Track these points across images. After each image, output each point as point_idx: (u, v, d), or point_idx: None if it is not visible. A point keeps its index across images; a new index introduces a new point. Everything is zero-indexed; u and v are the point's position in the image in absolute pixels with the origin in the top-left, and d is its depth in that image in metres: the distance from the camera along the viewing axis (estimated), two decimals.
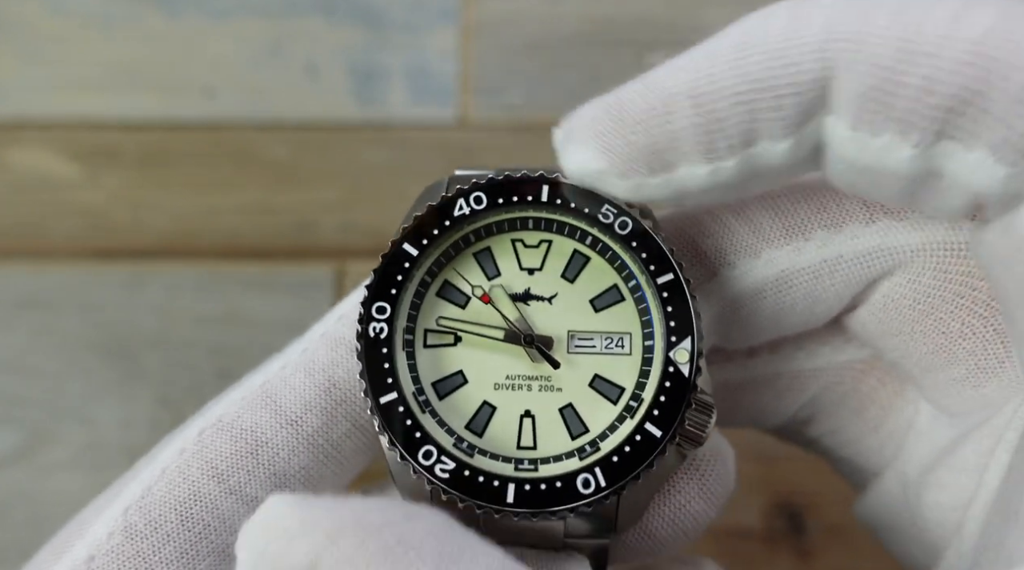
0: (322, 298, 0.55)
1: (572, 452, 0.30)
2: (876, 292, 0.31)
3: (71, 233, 0.56)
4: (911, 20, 0.25)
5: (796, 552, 0.51)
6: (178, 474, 0.29)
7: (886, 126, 0.25)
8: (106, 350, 0.54)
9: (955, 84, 0.24)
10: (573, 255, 0.31)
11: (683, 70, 0.27)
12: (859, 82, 0.25)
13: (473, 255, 0.32)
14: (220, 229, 0.56)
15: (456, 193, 0.31)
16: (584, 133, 0.28)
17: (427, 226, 0.31)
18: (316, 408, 0.30)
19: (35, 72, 0.59)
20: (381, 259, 0.30)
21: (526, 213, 0.31)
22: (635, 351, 0.31)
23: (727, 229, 0.31)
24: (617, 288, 0.31)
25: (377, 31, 0.60)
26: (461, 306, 0.31)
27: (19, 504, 0.52)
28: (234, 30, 0.60)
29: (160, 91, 0.59)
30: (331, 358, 0.30)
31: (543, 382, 0.30)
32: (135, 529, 0.29)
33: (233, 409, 0.30)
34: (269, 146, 0.58)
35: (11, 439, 0.53)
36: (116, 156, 0.58)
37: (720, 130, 0.27)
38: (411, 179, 0.57)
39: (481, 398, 0.30)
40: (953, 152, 0.25)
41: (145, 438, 0.53)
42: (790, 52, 0.26)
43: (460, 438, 0.30)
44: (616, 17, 0.60)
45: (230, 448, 0.29)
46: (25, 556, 0.52)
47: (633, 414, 0.30)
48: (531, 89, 0.59)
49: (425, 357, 0.31)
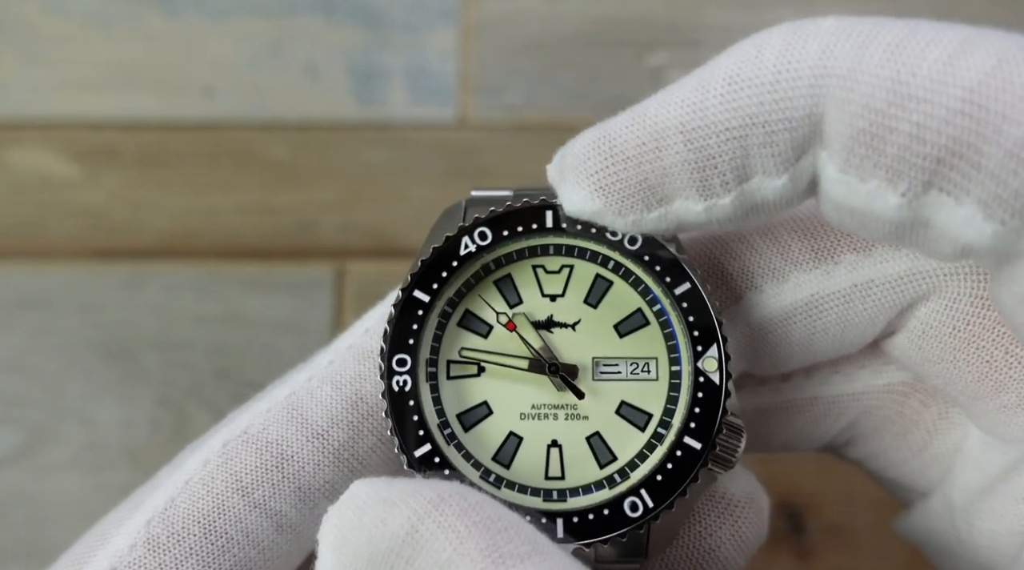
0: (322, 298, 0.55)
1: (601, 482, 0.29)
2: (913, 318, 0.30)
3: (71, 233, 0.56)
4: (906, 60, 0.24)
5: (796, 552, 0.51)
6: (202, 486, 0.29)
7: (874, 172, 0.25)
8: (106, 350, 0.54)
9: (946, 134, 0.23)
10: (595, 280, 0.31)
11: (674, 103, 0.26)
12: (850, 123, 0.24)
13: (494, 283, 0.31)
14: (220, 229, 0.56)
15: (459, 231, 0.30)
16: (577, 172, 0.28)
17: (434, 270, 0.30)
18: (343, 422, 0.30)
19: (35, 72, 0.59)
20: (393, 309, 0.30)
21: (546, 239, 0.31)
22: (662, 376, 0.30)
23: (754, 251, 0.31)
24: (641, 312, 0.31)
25: (377, 31, 0.60)
26: (483, 336, 0.31)
27: (19, 504, 0.52)
28: (234, 30, 0.60)
29: (160, 91, 0.59)
30: (358, 371, 0.30)
31: (569, 411, 0.30)
32: (158, 541, 0.28)
33: (259, 421, 0.30)
34: (269, 146, 0.58)
35: (11, 439, 0.53)
36: (116, 156, 0.58)
37: (713, 166, 0.26)
38: (411, 179, 0.57)
39: (507, 429, 0.30)
40: (942, 204, 0.24)
41: (145, 438, 0.53)
42: (782, 86, 0.25)
43: (487, 470, 0.29)
44: (616, 17, 0.60)
45: (255, 461, 0.29)
46: (25, 556, 0.52)
47: (662, 440, 0.29)
48: (531, 89, 0.59)
49: (449, 389, 0.30)
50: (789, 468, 0.52)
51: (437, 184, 0.57)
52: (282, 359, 0.54)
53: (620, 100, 0.61)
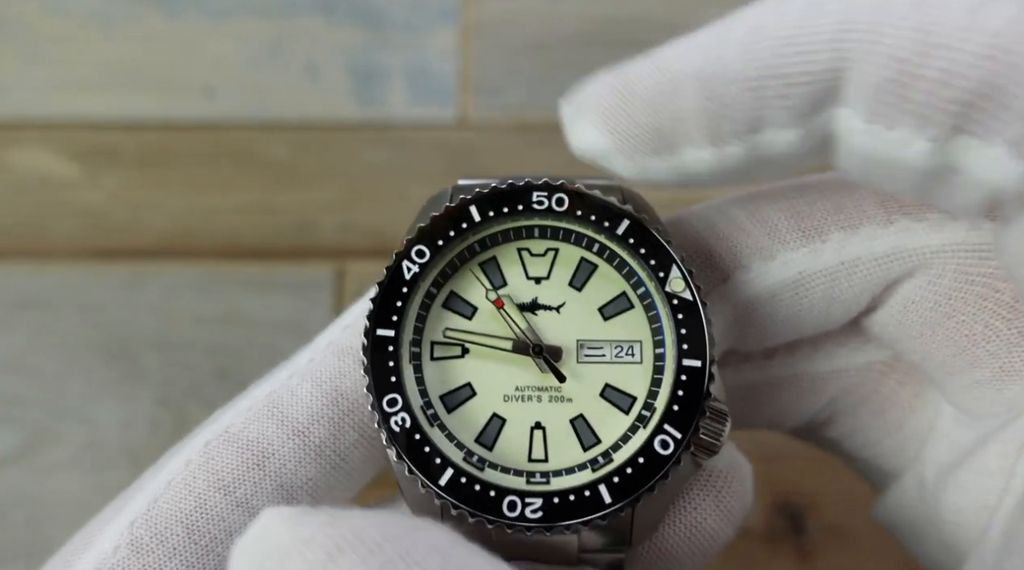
0: (322, 298, 0.55)
1: (584, 464, 0.29)
2: (895, 294, 0.31)
3: (71, 233, 0.56)
4: (930, 11, 0.24)
5: (796, 552, 0.51)
6: (184, 486, 0.29)
7: (902, 119, 0.25)
8: (106, 350, 0.54)
9: (973, 78, 0.24)
10: (580, 263, 0.31)
11: (693, 50, 0.27)
12: (875, 74, 0.24)
13: (479, 265, 0.31)
14: (220, 229, 0.56)
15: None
16: (591, 111, 0.28)
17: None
18: (323, 419, 0.30)
19: (35, 72, 0.59)
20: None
21: (531, 221, 0.31)
22: (646, 359, 0.30)
23: (741, 231, 0.31)
24: (626, 296, 0.31)
25: (377, 31, 0.60)
26: (468, 317, 0.31)
27: (19, 504, 0.52)
28: (234, 30, 0.60)
29: (160, 91, 0.59)
30: (338, 368, 0.30)
31: (553, 393, 0.30)
32: (141, 542, 0.28)
33: (239, 420, 0.30)
34: (269, 146, 0.58)
35: (11, 439, 0.53)
36: (116, 156, 0.58)
37: (726, 115, 0.26)
38: (411, 179, 0.57)
39: (490, 410, 0.30)
40: (970, 147, 0.25)
41: (145, 438, 0.53)
42: (804, 39, 0.25)
43: (470, 452, 0.29)
44: (616, 17, 0.60)
45: (236, 460, 0.29)
46: (25, 556, 0.52)
47: (646, 423, 0.29)
48: (531, 89, 0.59)
49: (432, 370, 0.30)
50: (789, 468, 0.52)
51: (437, 184, 0.57)
52: (282, 359, 0.54)
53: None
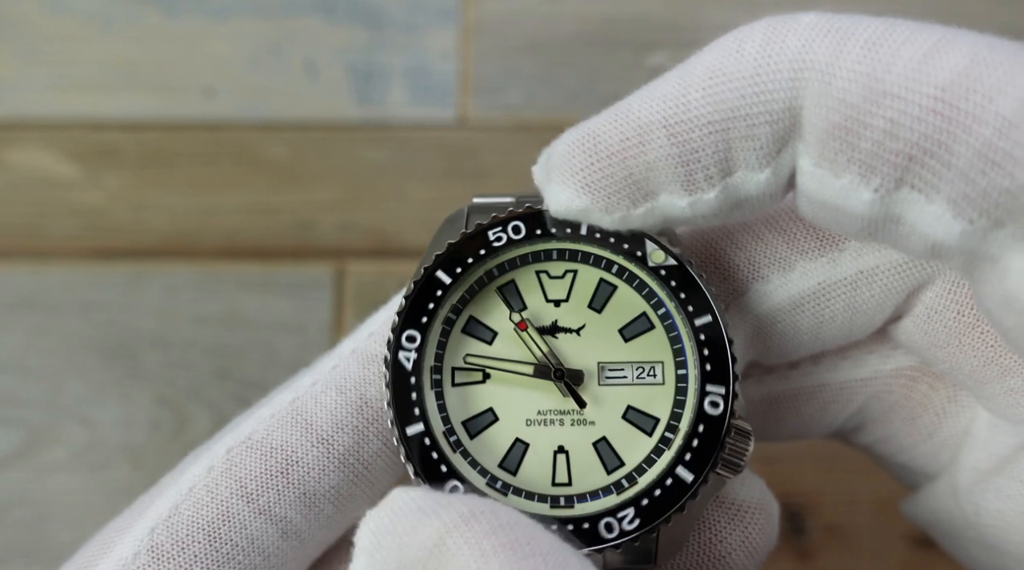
0: (321, 298, 0.55)
1: (609, 487, 0.29)
2: (919, 303, 0.30)
3: (71, 233, 0.56)
4: (882, 57, 0.24)
5: (796, 552, 0.51)
6: (206, 493, 0.29)
7: (848, 167, 0.25)
8: (106, 350, 0.54)
9: (918, 132, 0.23)
10: (599, 285, 0.31)
11: (657, 98, 0.26)
12: (825, 117, 0.24)
13: (497, 289, 0.31)
14: (220, 229, 0.56)
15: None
16: (562, 170, 0.28)
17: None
18: (347, 427, 0.29)
19: (35, 72, 0.59)
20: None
21: (549, 245, 0.31)
22: (668, 380, 0.30)
23: (759, 241, 0.30)
24: (646, 316, 0.30)
25: (377, 31, 0.60)
26: (488, 342, 0.30)
27: (19, 504, 0.52)
28: (234, 30, 0.60)
29: (160, 91, 0.59)
30: (363, 376, 0.30)
31: (575, 416, 0.30)
32: (162, 549, 0.28)
33: (263, 427, 0.29)
34: (269, 146, 0.58)
35: (11, 439, 0.53)
36: (116, 156, 0.58)
37: (696, 160, 0.26)
38: (411, 179, 0.57)
39: (513, 435, 0.30)
40: (913, 201, 0.24)
41: (145, 438, 0.53)
42: (762, 78, 0.25)
43: (494, 477, 0.29)
44: (616, 17, 0.60)
45: (260, 467, 0.29)
46: (25, 556, 0.52)
47: (670, 445, 0.29)
48: (531, 89, 0.59)
49: (454, 396, 0.30)
50: (789, 468, 0.52)
51: (437, 184, 0.57)
52: (282, 359, 0.54)
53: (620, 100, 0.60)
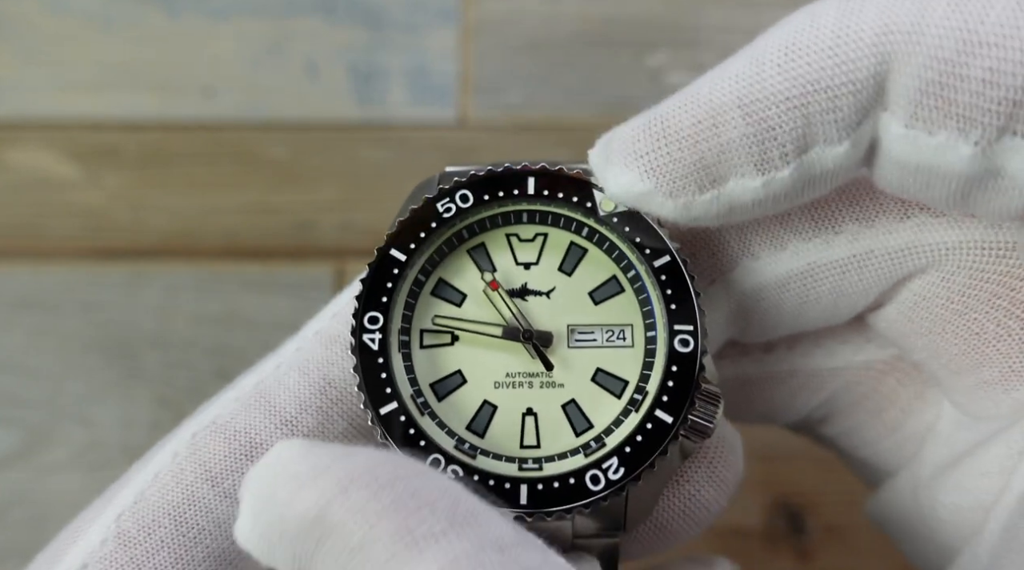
0: (322, 298, 0.55)
1: (577, 449, 0.29)
2: (906, 289, 0.30)
3: (71, 233, 0.56)
4: (973, 9, 0.23)
5: (796, 552, 0.51)
6: (171, 478, 0.29)
7: (944, 123, 0.24)
8: (106, 350, 0.54)
9: (1021, 75, 0.23)
10: (570, 247, 0.31)
11: (728, 78, 0.26)
12: (918, 76, 0.24)
13: (467, 252, 0.31)
14: (220, 229, 0.56)
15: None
16: (625, 153, 0.27)
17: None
18: (312, 408, 0.29)
19: (35, 72, 0.59)
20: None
21: (519, 206, 0.30)
22: (637, 343, 0.30)
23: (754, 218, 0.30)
24: (616, 279, 0.30)
25: (377, 31, 0.60)
26: (457, 304, 0.30)
27: (19, 504, 0.52)
28: (234, 30, 0.60)
29: (160, 91, 0.59)
30: (326, 356, 0.30)
31: (544, 378, 0.30)
32: (128, 535, 0.28)
33: (227, 410, 0.29)
34: (269, 146, 0.58)
35: (11, 439, 0.53)
36: (116, 156, 0.58)
37: (773, 138, 0.25)
38: (411, 179, 0.57)
39: (481, 397, 0.30)
40: (1018, 149, 0.24)
41: (145, 438, 0.53)
42: (844, 48, 0.25)
43: (461, 439, 0.29)
44: (616, 17, 0.60)
45: (224, 450, 0.29)
46: (25, 556, 0.52)
47: (638, 407, 0.29)
48: (531, 89, 0.59)
49: (422, 358, 0.30)
50: (789, 468, 0.52)
51: None
52: None
53: (620, 100, 0.61)
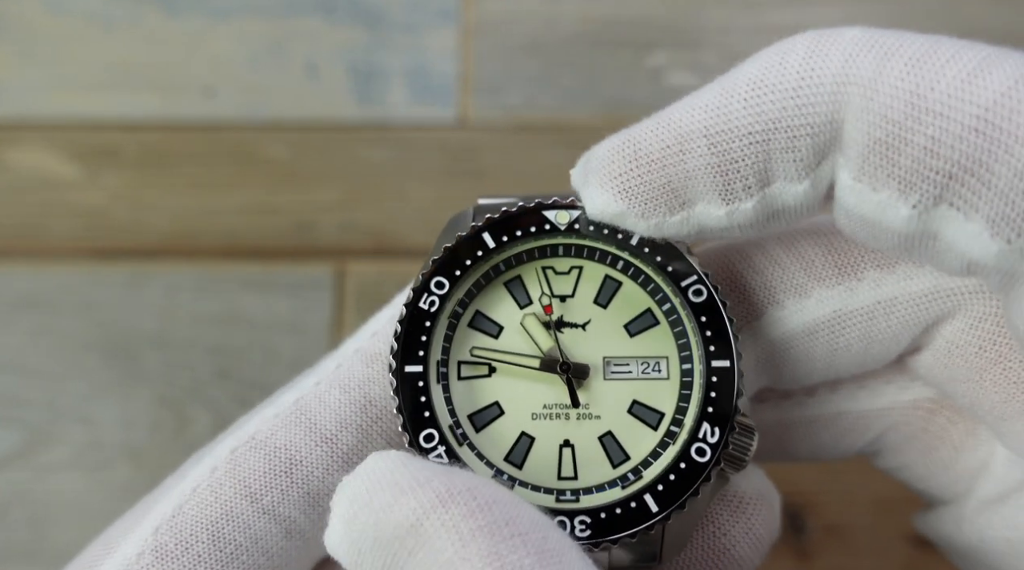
0: (322, 298, 0.55)
1: (615, 481, 0.29)
2: (939, 336, 0.30)
3: (71, 233, 0.56)
4: (926, 74, 0.24)
5: (796, 552, 0.51)
6: (210, 493, 0.29)
7: (887, 182, 0.25)
8: (106, 350, 0.54)
9: (960, 150, 0.23)
10: (604, 280, 0.31)
11: (699, 108, 0.27)
12: (867, 132, 0.24)
13: (504, 284, 0.31)
14: (220, 229, 0.56)
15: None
16: (601, 175, 0.28)
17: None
18: (352, 426, 0.29)
19: (35, 72, 0.59)
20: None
21: (555, 240, 0.31)
22: (673, 375, 0.30)
23: (777, 265, 0.30)
24: (651, 312, 0.31)
25: (377, 31, 0.60)
26: (494, 336, 0.31)
27: (19, 504, 0.52)
28: (234, 30, 0.60)
29: (160, 91, 0.59)
30: (366, 375, 0.30)
31: (581, 410, 0.30)
32: (165, 549, 0.28)
33: (266, 427, 0.29)
34: (269, 146, 0.58)
35: (11, 439, 0.53)
36: (116, 156, 0.58)
37: (736, 170, 0.26)
38: (411, 179, 0.57)
39: (519, 429, 0.30)
40: (951, 219, 0.24)
41: (145, 438, 0.53)
42: (805, 91, 0.25)
43: (499, 470, 0.29)
44: (616, 17, 0.60)
45: (263, 467, 0.29)
46: (25, 556, 0.52)
47: (675, 439, 0.29)
48: (531, 89, 0.59)
49: (460, 389, 0.30)
50: (789, 468, 0.52)
51: (437, 184, 0.57)
52: (282, 359, 0.54)
53: (620, 100, 0.61)
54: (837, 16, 0.58)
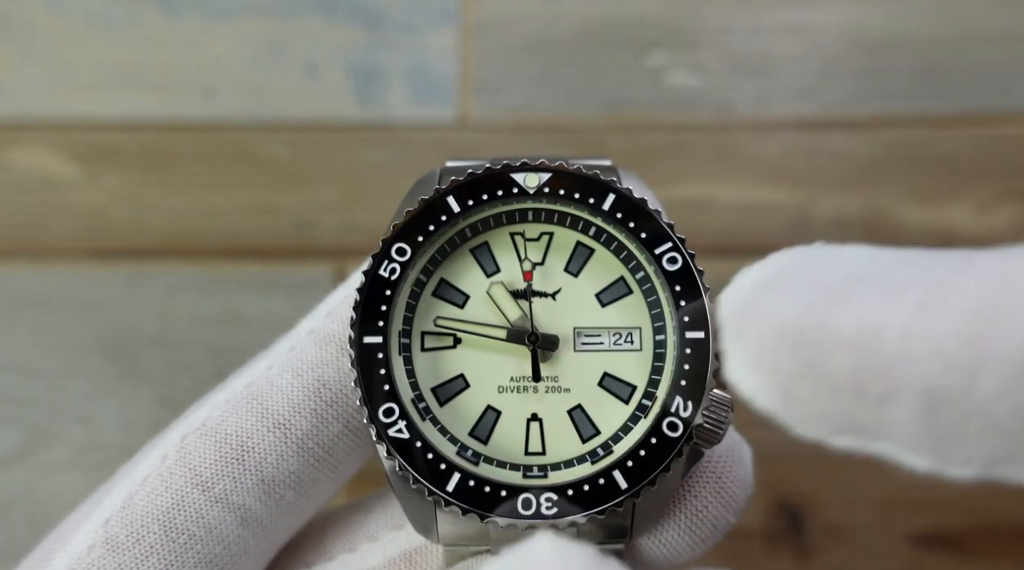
0: (322, 298, 0.55)
1: (584, 456, 0.28)
2: None
3: (71, 233, 0.56)
4: None
5: (796, 552, 0.51)
6: (160, 482, 0.28)
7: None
8: (106, 350, 0.54)
9: None
10: (576, 247, 0.30)
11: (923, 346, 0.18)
12: None
13: (470, 251, 0.30)
14: (220, 229, 0.56)
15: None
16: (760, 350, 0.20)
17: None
18: (305, 410, 0.29)
19: (35, 72, 0.59)
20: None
21: (524, 205, 0.30)
22: (646, 346, 0.29)
23: None
24: (624, 281, 0.30)
25: (377, 31, 0.60)
26: (460, 306, 0.30)
27: (19, 504, 0.52)
28: (234, 30, 0.60)
29: (160, 91, 0.59)
30: (320, 357, 0.29)
31: (549, 383, 0.29)
32: (116, 541, 0.27)
33: (217, 413, 0.29)
34: (269, 146, 0.58)
35: (11, 439, 0.53)
36: (116, 156, 0.58)
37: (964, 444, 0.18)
38: (411, 179, 0.57)
39: (484, 403, 0.29)
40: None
41: (145, 438, 0.53)
42: None
43: (464, 446, 0.28)
44: (616, 17, 0.60)
45: (215, 454, 0.28)
46: (25, 556, 0.52)
47: (647, 413, 0.28)
48: (531, 89, 0.59)
49: (423, 361, 0.29)
50: (789, 468, 0.52)
51: None
52: None
53: (620, 100, 0.61)
54: (837, 16, 0.58)
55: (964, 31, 0.58)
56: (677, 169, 0.56)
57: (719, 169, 0.56)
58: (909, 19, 0.59)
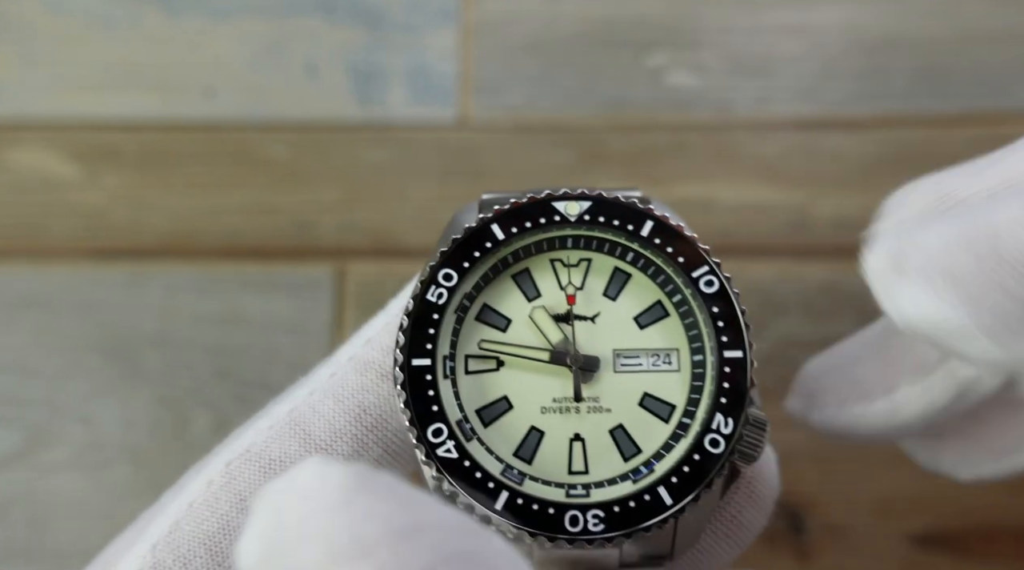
0: (322, 298, 0.55)
1: (626, 474, 0.29)
2: None
3: (71, 233, 0.56)
4: None
5: (796, 552, 0.51)
6: (206, 508, 0.28)
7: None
8: (106, 350, 0.54)
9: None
10: (614, 273, 0.31)
11: None
12: None
13: (511, 277, 0.31)
14: (220, 229, 0.56)
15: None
16: (930, 269, 0.21)
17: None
18: (346, 435, 0.29)
19: (35, 72, 0.59)
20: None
21: (564, 232, 0.31)
22: (684, 367, 0.30)
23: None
24: (661, 304, 0.31)
25: (377, 31, 0.60)
26: (502, 329, 0.31)
27: (19, 504, 0.52)
28: (234, 30, 0.60)
29: (160, 91, 0.59)
30: (360, 383, 0.30)
31: (591, 403, 0.30)
32: (165, 566, 0.28)
33: (260, 439, 0.29)
34: (269, 146, 0.58)
35: (11, 439, 0.53)
36: (116, 156, 0.58)
37: None
38: (411, 179, 0.57)
39: (528, 423, 0.30)
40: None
41: (145, 438, 0.53)
42: None
43: (509, 466, 0.29)
44: (616, 17, 0.60)
45: (259, 479, 0.29)
46: (26, 556, 0.52)
47: (688, 431, 0.29)
48: (531, 89, 0.59)
49: (467, 384, 0.30)
50: (789, 468, 0.52)
51: (437, 184, 0.57)
52: (282, 359, 0.54)
53: (620, 100, 0.61)
54: (837, 16, 0.58)
55: (964, 31, 0.58)
56: (677, 169, 0.56)
57: (719, 169, 0.56)
58: (909, 19, 0.59)
